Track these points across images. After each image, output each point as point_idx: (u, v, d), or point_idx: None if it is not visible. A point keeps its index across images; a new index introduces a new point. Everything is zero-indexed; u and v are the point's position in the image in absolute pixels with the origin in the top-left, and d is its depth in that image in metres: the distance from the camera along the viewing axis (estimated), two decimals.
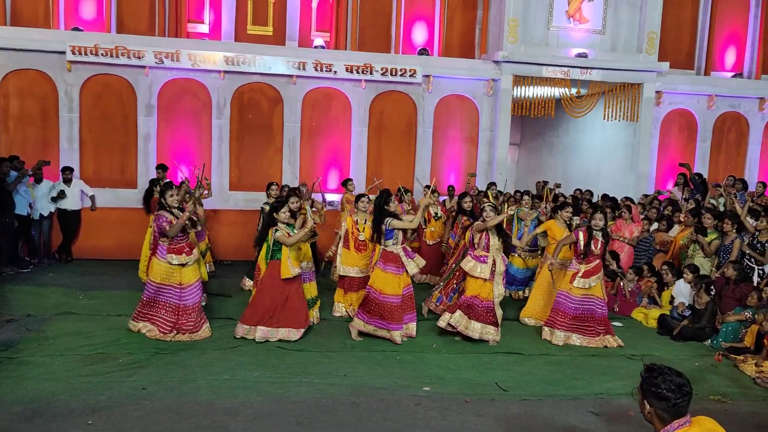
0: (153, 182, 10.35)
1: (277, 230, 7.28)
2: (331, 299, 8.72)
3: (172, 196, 7.26)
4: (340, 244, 8.53)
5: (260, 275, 7.58)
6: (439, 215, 10.67)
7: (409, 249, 7.69)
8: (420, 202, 7.89)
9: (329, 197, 12.20)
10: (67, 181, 11.17)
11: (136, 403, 5.46)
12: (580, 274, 7.76)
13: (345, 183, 11.44)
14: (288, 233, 7.26)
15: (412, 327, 7.70)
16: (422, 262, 7.68)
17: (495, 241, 7.57)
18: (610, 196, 12.05)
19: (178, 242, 7.22)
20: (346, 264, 8.41)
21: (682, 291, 8.70)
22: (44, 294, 9.01)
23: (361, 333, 7.53)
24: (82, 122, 11.92)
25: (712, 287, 8.34)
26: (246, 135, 12.65)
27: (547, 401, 5.94)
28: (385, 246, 7.44)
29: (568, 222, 8.81)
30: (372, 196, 8.93)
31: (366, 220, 8.40)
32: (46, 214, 11.03)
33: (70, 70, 11.69)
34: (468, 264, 7.57)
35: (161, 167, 10.90)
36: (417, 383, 6.22)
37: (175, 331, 7.21)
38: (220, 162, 12.49)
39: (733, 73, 14.94)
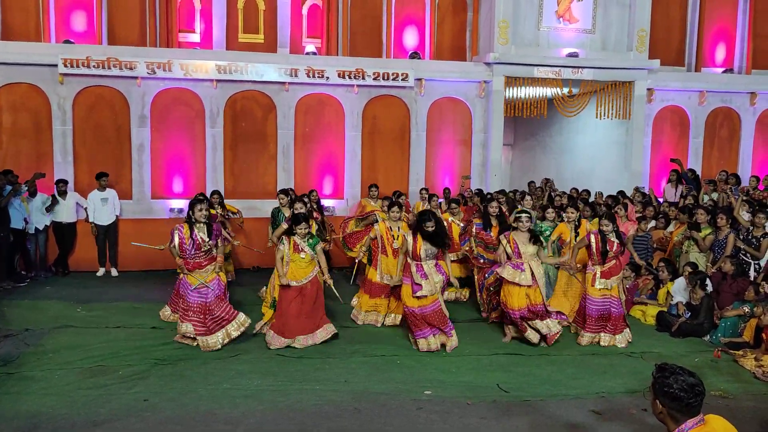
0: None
1: (282, 243, 7.39)
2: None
3: (201, 210, 7.29)
4: (378, 252, 8.49)
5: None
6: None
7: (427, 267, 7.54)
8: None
9: (326, 203, 12.20)
10: (62, 193, 11.14)
11: (137, 415, 5.45)
12: (598, 276, 7.81)
13: (370, 188, 11.47)
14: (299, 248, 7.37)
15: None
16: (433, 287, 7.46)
17: (527, 249, 7.55)
18: (612, 195, 12.04)
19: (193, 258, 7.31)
20: (387, 271, 8.46)
21: (681, 288, 8.72)
22: (42, 307, 8.97)
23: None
24: (75, 134, 11.90)
25: (707, 282, 8.37)
26: (240, 143, 12.65)
27: (549, 401, 5.95)
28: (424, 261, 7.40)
29: (573, 222, 8.84)
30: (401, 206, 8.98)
31: (399, 228, 8.47)
32: (41, 228, 10.98)
33: (62, 83, 11.67)
34: (508, 272, 7.56)
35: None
36: (418, 387, 6.22)
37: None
38: (214, 171, 12.48)
39: (723, 69, 15.02)
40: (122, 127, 12.10)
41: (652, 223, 10.49)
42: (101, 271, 11.40)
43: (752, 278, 8.51)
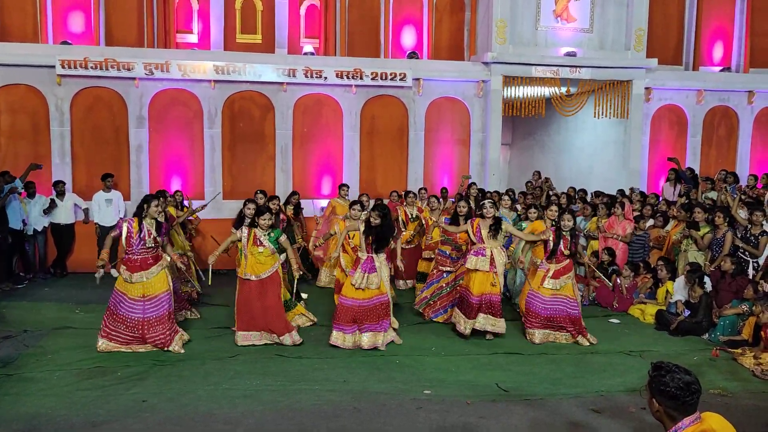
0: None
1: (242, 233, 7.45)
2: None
3: (156, 206, 7.18)
4: (339, 250, 8.52)
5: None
6: (415, 216, 10.54)
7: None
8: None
9: (322, 203, 12.19)
10: (60, 194, 11.13)
11: (136, 415, 5.44)
12: (549, 275, 7.78)
13: (340, 187, 11.40)
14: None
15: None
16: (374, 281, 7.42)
17: (489, 235, 7.62)
18: (606, 193, 12.07)
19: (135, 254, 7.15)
20: (349, 266, 8.43)
21: (680, 287, 8.72)
22: (41, 309, 8.98)
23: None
24: (73, 136, 11.89)
25: (706, 281, 8.38)
26: (238, 143, 12.64)
27: (549, 400, 5.95)
28: (377, 254, 7.41)
29: (555, 222, 8.75)
30: (364, 205, 8.99)
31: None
32: (40, 229, 10.97)
33: (60, 84, 11.67)
34: (470, 261, 7.64)
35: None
36: (417, 387, 6.22)
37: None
38: (212, 171, 12.48)
39: (721, 68, 15.02)
40: (120, 128, 12.09)
41: (650, 222, 10.50)
42: (100, 273, 11.34)
43: (751, 276, 8.52)
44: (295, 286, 8.25)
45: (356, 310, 7.30)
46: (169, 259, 7.37)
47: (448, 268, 8.70)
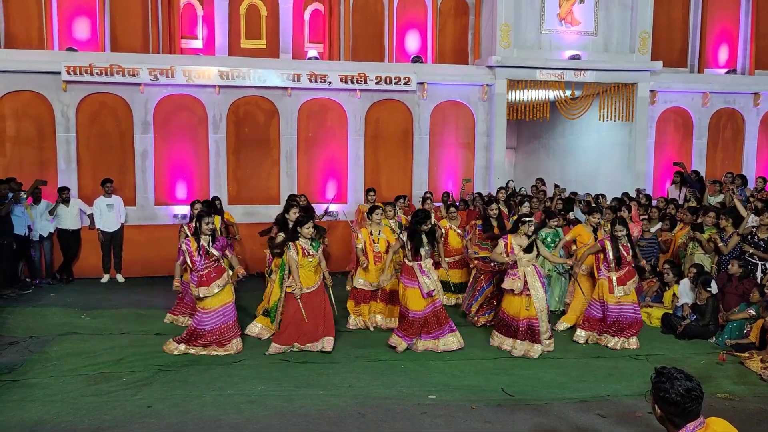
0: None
1: (290, 249, 7.30)
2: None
3: (207, 224, 7.26)
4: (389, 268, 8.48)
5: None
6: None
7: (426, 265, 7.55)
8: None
9: (330, 207, 12.18)
10: (65, 201, 11.17)
11: (141, 421, 5.44)
12: (615, 283, 7.78)
13: (367, 192, 11.40)
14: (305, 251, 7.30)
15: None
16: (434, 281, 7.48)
17: (522, 255, 7.46)
18: (615, 197, 11.98)
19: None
20: (362, 276, 8.45)
21: (686, 290, 8.68)
22: (46, 315, 8.99)
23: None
24: (79, 141, 11.92)
25: (711, 284, 8.33)
26: (243, 148, 12.66)
27: (554, 405, 5.92)
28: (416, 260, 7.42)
29: (594, 227, 8.76)
30: (386, 208, 8.98)
31: (380, 232, 8.42)
32: (45, 235, 11.01)
33: (65, 90, 11.71)
34: (506, 282, 7.54)
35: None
36: (422, 391, 6.21)
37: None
38: (217, 176, 12.49)
39: (726, 70, 14.97)
40: (125, 134, 12.13)
41: (658, 225, 10.44)
42: (105, 278, 11.42)
43: (759, 280, 8.46)
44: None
45: (420, 320, 7.38)
46: (231, 273, 7.48)
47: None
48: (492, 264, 8.34)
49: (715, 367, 7.07)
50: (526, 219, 7.56)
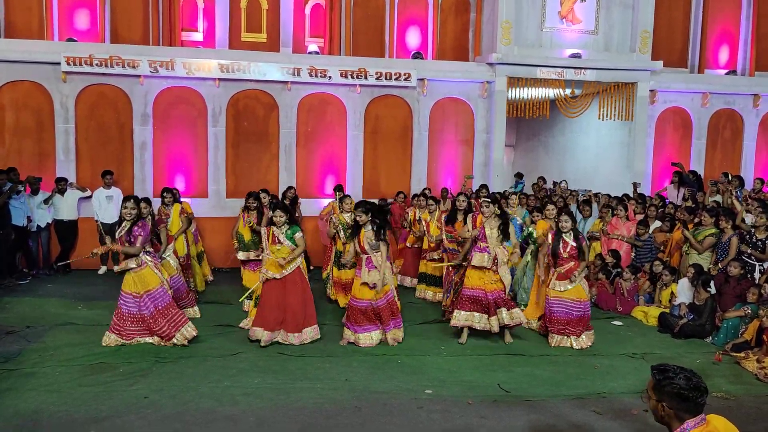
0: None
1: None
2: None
3: (125, 208, 7.20)
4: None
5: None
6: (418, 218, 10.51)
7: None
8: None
9: (326, 202, 12.16)
10: (62, 191, 11.15)
11: (138, 412, 5.45)
12: (554, 278, 7.75)
13: (336, 190, 11.38)
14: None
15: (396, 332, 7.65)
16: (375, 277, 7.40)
17: (493, 234, 7.54)
18: (612, 195, 12.01)
19: None
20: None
21: (684, 289, 8.70)
22: (44, 305, 8.99)
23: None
24: (78, 133, 11.90)
25: (710, 283, 8.35)
26: (242, 142, 12.64)
27: (550, 401, 5.94)
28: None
29: (557, 221, 8.69)
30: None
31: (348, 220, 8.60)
32: (43, 225, 11.00)
33: (65, 81, 11.68)
34: (474, 258, 7.58)
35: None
36: (419, 386, 6.22)
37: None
38: (216, 169, 12.48)
39: (726, 71, 14.99)
40: (125, 126, 12.10)
41: (657, 224, 10.44)
42: (102, 269, 11.42)
43: (756, 280, 8.48)
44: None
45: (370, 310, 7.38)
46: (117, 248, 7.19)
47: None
48: (458, 253, 8.38)
49: (711, 367, 7.09)
50: (485, 200, 7.76)
